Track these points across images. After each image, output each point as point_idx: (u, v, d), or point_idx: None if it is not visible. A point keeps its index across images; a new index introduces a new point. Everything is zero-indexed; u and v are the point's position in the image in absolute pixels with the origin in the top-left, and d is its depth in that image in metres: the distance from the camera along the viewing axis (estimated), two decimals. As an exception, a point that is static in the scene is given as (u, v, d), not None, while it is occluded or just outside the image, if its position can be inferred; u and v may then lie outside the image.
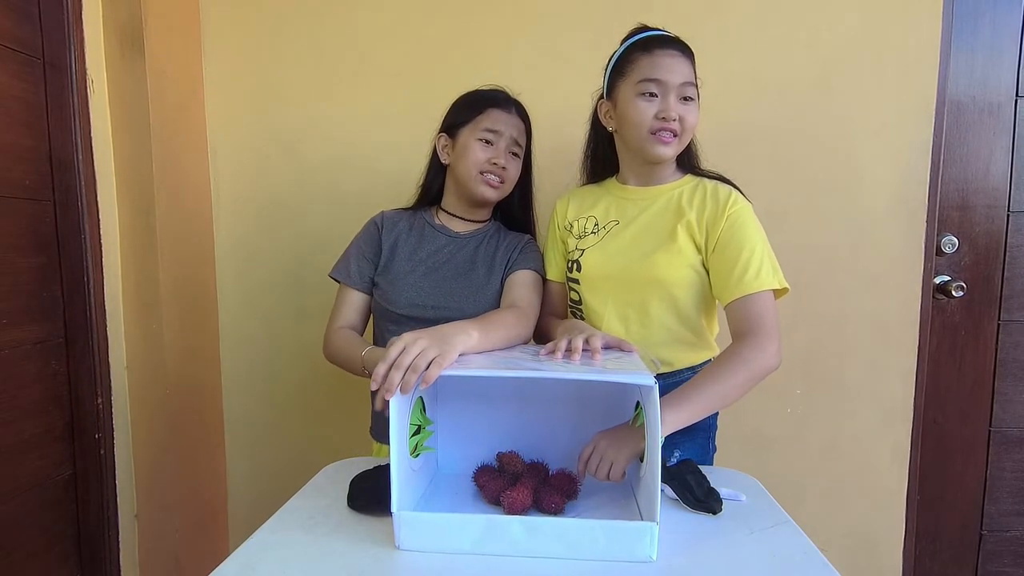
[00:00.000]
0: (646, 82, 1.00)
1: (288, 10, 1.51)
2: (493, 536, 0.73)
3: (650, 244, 1.05)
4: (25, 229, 1.24)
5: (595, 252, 1.09)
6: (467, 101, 1.18)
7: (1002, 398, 1.58)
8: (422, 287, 1.13)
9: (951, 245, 1.54)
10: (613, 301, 1.07)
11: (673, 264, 1.03)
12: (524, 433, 0.94)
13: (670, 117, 0.99)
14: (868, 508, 1.54)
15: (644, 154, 1.04)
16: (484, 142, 1.13)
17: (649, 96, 1.00)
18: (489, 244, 1.19)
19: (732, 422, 1.51)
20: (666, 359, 1.05)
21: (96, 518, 1.39)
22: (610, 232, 1.10)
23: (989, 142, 1.52)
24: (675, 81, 1.00)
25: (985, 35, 1.50)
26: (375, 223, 1.21)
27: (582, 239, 1.12)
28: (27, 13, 1.23)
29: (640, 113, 1.00)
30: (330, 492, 0.91)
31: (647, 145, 1.02)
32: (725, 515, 0.84)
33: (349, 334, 1.14)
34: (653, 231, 1.06)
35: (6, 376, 1.20)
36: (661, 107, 0.99)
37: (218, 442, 1.63)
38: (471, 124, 1.15)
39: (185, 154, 1.49)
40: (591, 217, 1.13)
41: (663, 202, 1.08)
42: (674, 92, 1.00)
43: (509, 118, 1.15)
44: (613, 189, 1.15)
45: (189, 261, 1.51)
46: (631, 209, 1.10)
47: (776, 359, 0.95)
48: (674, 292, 1.04)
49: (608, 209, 1.12)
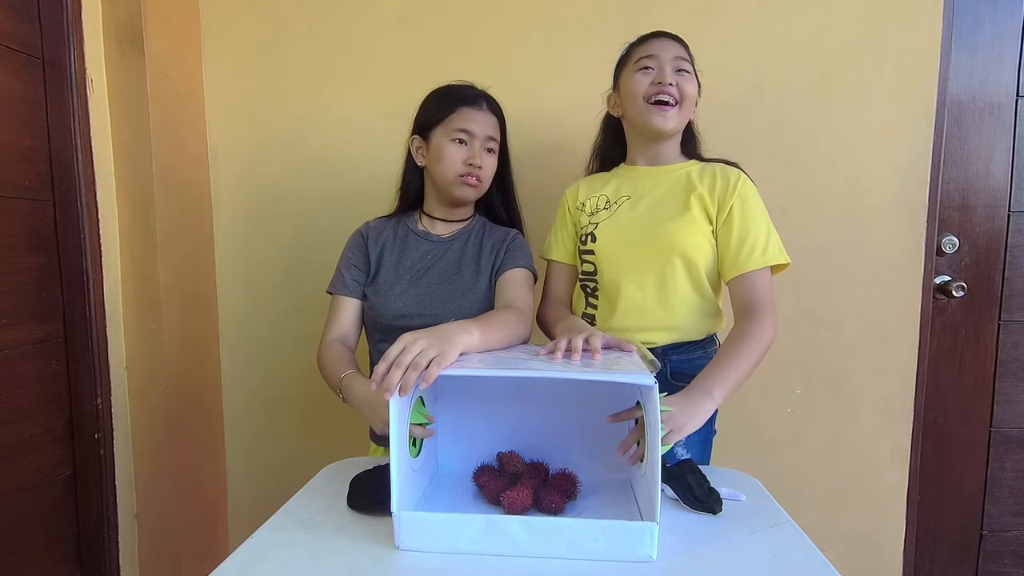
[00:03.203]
0: (642, 59, 1.08)
1: (288, 10, 1.51)
2: (493, 536, 0.73)
3: (665, 214, 1.08)
4: (25, 229, 1.24)
5: (609, 224, 1.12)
6: (436, 101, 1.16)
7: (1002, 398, 1.58)
8: (408, 296, 1.12)
9: (951, 245, 1.54)
10: (630, 270, 1.09)
11: (688, 231, 1.06)
12: (524, 433, 0.94)
13: (665, 81, 1.05)
14: (868, 508, 1.54)
15: (646, 127, 1.09)
16: (458, 142, 1.11)
17: (645, 69, 1.07)
18: (473, 244, 1.18)
19: (732, 422, 1.51)
20: (683, 327, 1.09)
21: (96, 518, 1.39)
22: (622, 206, 1.13)
23: (989, 142, 1.52)
24: (668, 55, 1.07)
25: (985, 35, 1.50)
26: (361, 234, 1.19)
27: (594, 215, 1.15)
28: (27, 13, 1.23)
29: (637, 83, 1.07)
30: (330, 492, 0.91)
31: (647, 116, 1.07)
32: (725, 515, 0.84)
33: (338, 351, 1.11)
34: (666, 202, 1.10)
35: (6, 376, 1.20)
36: (657, 75, 1.06)
37: (218, 442, 1.63)
38: (442, 125, 1.12)
39: (185, 154, 1.49)
40: (602, 195, 1.17)
41: (672, 179, 1.12)
42: (669, 64, 1.07)
43: (480, 115, 1.13)
44: (622, 171, 1.19)
45: (189, 261, 1.51)
46: (641, 185, 1.14)
47: (776, 332, 1.02)
48: (690, 260, 1.07)
49: (619, 187, 1.16)
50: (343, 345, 1.13)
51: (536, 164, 1.49)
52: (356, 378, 1.03)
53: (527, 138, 1.47)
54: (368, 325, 1.17)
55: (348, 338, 1.15)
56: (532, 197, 1.49)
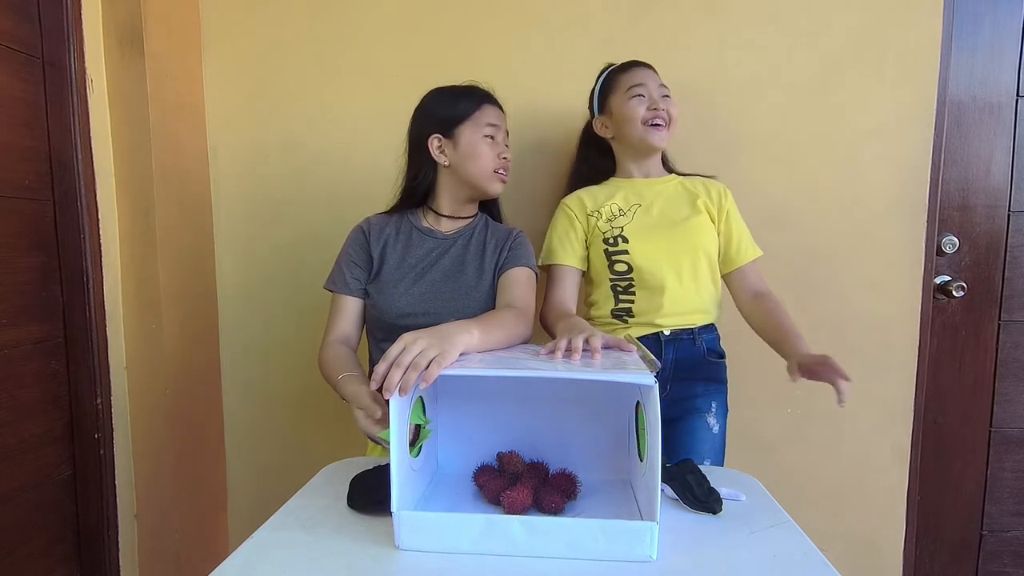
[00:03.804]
0: (634, 87, 1.23)
1: (288, 11, 1.51)
2: (493, 536, 0.72)
3: (681, 214, 1.25)
4: (25, 229, 1.24)
5: (634, 226, 1.24)
6: (457, 98, 1.15)
7: (1002, 398, 1.58)
8: (412, 295, 1.11)
9: (951, 245, 1.54)
10: (668, 263, 1.22)
11: (704, 228, 1.24)
12: (524, 433, 0.94)
13: (659, 107, 1.22)
14: (868, 508, 1.54)
15: (644, 144, 1.24)
16: (490, 138, 1.14)
17: (638, 96, 1.22)
18: (477, 241, 1.18)
19: (732, 422, 1.51)
20: (710, 310, 1.26)
21: (96, 518, 1.39)
22: (636, 212, 1.26)
23: (989, 142, 1.52)
24: (654, 83, 1.24)
25: (985, 35, 1.50)
26: (362, 229, 1.18)
27: (614, 220, 1.25)
28: (27, 13, 1.23)
29: (634, 109, 1.22)
30: (330, 492, 0.91)
31: (646, 135, 1.22)
32: (725, 515, 0.84)
33: (339, 351, 1.10)
34: (675, 207, 1.26)
35: (6, 376, 1.20)
36: (650, 103, 1.22)
37: (218, 442, 1.63)
38: (470, 122, 1.13)
39: (185, 154, 1.49)
40: (613, 204, 1.27)
41: (671, 189, 1.28)
42: (656, 91, 1.23)
43: (499, 111, 1.17)
44: (621, 184, 1.30)
45: (189, 261, 1.51)
46: (647, 194, 1.27)
47: None
48: (708, 253, 1.24)
49: (626, 196, 1.27)
50: (344, 346, 1.13)
51: (536, 164, 1.49)
52: (349, 381, 1.01)
53: (527, 138, 1.47)
54: (370, 323, 1.17)
55: (349, 338, 1.15)
56: (532, 196, 1.49)
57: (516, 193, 1.40)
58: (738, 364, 1.33)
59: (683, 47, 1.46)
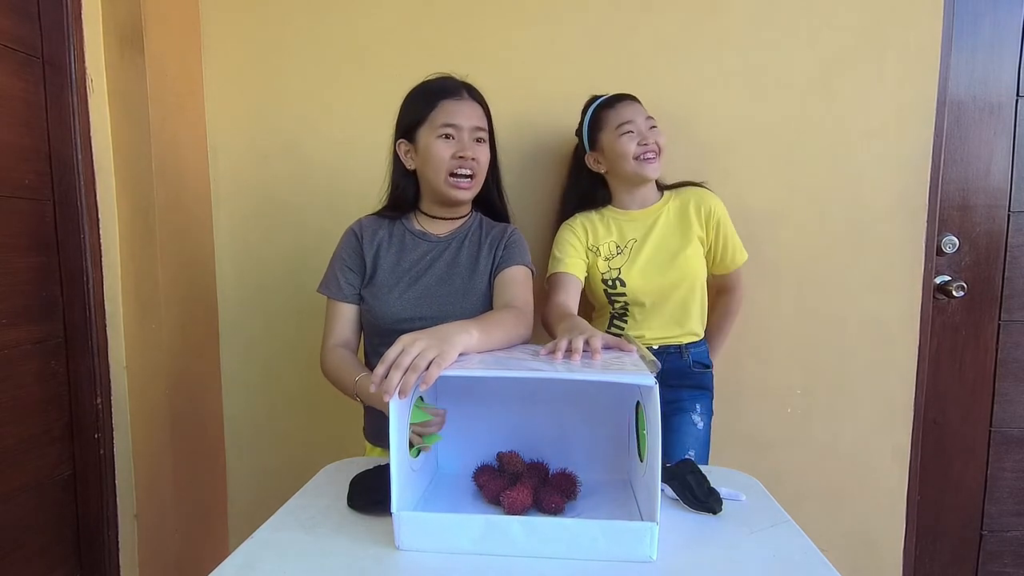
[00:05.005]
0: (622, 125, 1.27)
1: (288, 11, 1.51)
2: (493, 536, 0.73)
3: (674, 246, 1.30)
4: (24, 229, 1.24)
5: (631, 268, 1.30)
6: (416, 98, 1.13)
7: (1002, 398, 1.58)
8: (407, 299, 1.10)
9: (951, 245, 1.54)
10: (660, 299, 1.30)
11: (696, 256, 1.30)
12: (524, 433, 0.94)
13: (649, 141, 1.26)
14: (868, 508, 1.54)
15: (638, 178, 1.28)
16: (445, 137, 1.08)
17: (628, 133, 1.26)
18: (471, 242, 1.16)
19: (732, 422, 1.51)
20: (697, 330, 1.34)
21: (96, 518, 1.39)
22: (634, 249, 1.31)
23: (990, 142, 1.52)
24: (641, 118, 1.28)
25: (985, 35, 1.50)
26: (354, 232, 1.17)
27: (611, 260, 1.31)
28: (27, 12, 1.23)
29: (625, 146, 1.26)
30: (330, 492, 0.91)
31: (639, 169, 1.27)
32: (725, 515, 0.84)
33: (344, 355, 1.10)
34: (669, 239, 1.31)
35: (6, 376, 1.20)
36: (639, 138, 1.26)
37: (218, 442, 1.63)
38: (427, 123, 1.09)
39: (185, 154, 1.49)
40: (611, 241, 1.33)
41: (664, 217, 1.33)
42: (643, 125, 1.27)
43: (463, 105, 1.10)
44: (617, 216, 1.34)
45: (189, 261, 1.51)
46: (642, 227, 1.33)
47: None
48: (700, 280, 1.32)
49: (622, 232, 1.33)
50: (346, 350, 1.12)
51: (535, 163, 1.49)
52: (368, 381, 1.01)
53: (527, 137, 1.47)
54: (366, 328, 1.16)
55: (349, 343, 1.14)
56: (531, 195, 1.49)
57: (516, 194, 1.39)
58: (738, 364, 1.33)
59: (683, 47, 1.46)
